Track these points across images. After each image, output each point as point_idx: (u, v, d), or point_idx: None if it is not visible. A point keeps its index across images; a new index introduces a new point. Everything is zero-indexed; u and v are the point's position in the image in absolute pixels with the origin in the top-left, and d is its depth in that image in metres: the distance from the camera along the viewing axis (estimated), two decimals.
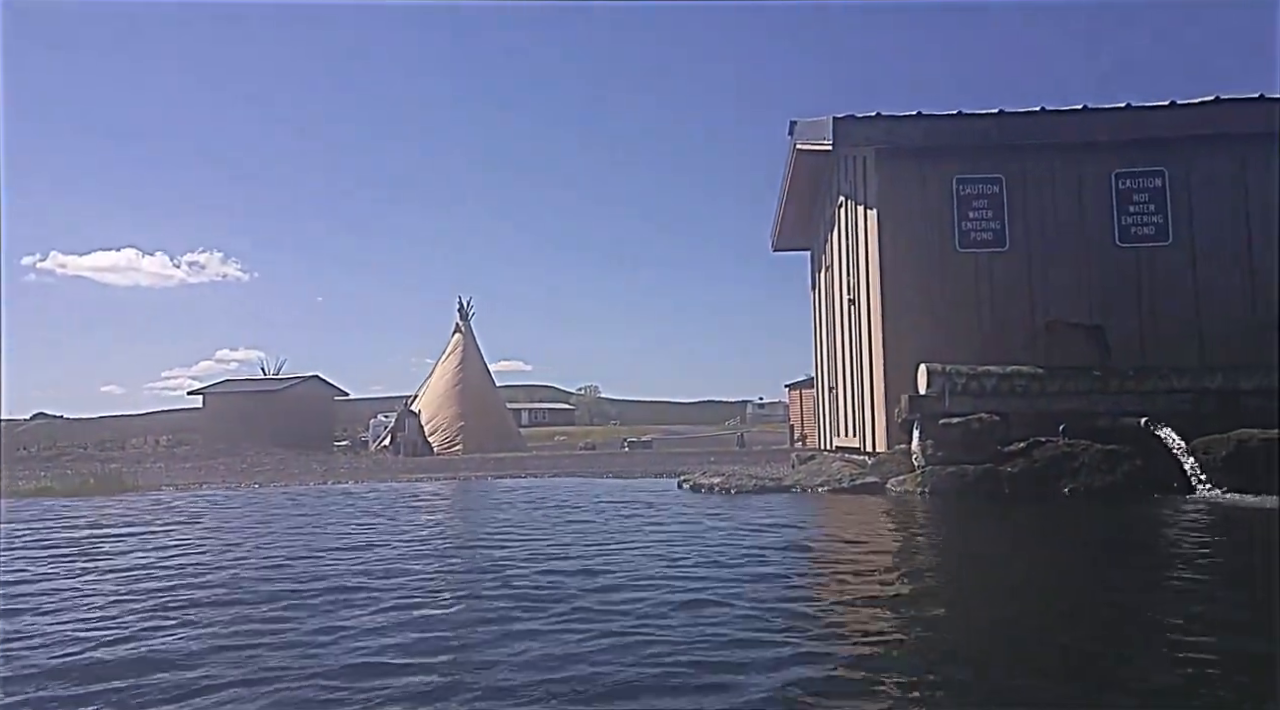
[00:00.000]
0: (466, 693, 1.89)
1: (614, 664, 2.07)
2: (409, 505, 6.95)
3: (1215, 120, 7.35)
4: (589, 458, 16.94)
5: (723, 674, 1.98)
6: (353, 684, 1.95)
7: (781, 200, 11.63)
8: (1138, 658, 2.22)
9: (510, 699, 1.83)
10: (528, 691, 1.87)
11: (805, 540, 4.46)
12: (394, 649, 2.26)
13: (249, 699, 1.87)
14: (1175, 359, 7.08)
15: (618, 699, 1.84)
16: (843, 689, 1.91)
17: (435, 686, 1.93)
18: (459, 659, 2.17)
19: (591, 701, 1.82)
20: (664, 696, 1.85)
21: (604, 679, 1.96)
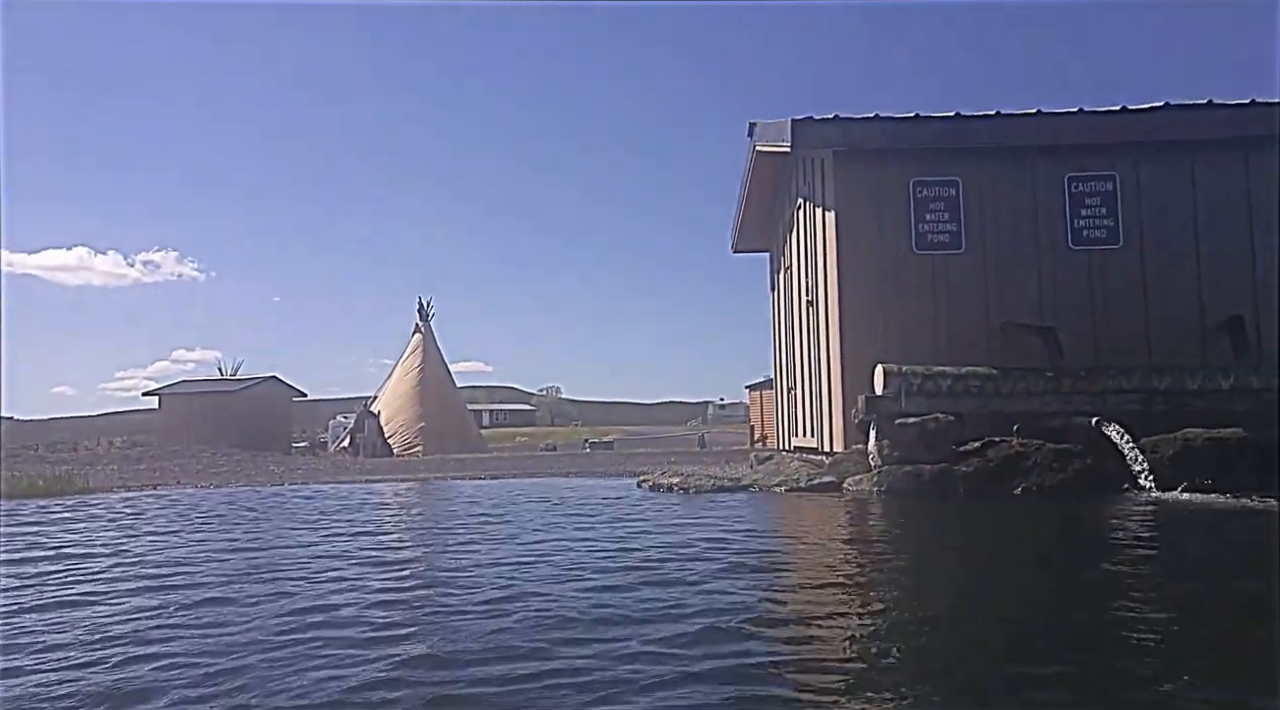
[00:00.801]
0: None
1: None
2: (346, 507, 6.82)
3: (1163, 126, 7.50)
4: (550, 458, 16.82)
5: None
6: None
7: (741, 202, 11.65)
8: (1067, 645, 2.23)
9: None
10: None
11: (749, 538, 4.44)
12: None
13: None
14: (1125, 360, 7.20)
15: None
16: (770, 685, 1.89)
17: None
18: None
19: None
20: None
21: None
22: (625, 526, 4.86)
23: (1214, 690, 1.87)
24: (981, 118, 7.56)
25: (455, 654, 2.17)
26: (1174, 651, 2.23)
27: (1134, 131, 7.54)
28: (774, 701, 1.80)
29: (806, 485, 6.98)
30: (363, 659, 2.14)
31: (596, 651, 2.14)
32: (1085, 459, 6.20)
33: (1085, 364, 7.11)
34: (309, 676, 2.01)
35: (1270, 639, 2.32)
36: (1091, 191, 7.72)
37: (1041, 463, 6.24)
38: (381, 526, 5.50)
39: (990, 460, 6.33)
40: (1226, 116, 7.42)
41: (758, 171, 10.48)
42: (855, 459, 7.04)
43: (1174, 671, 2.01)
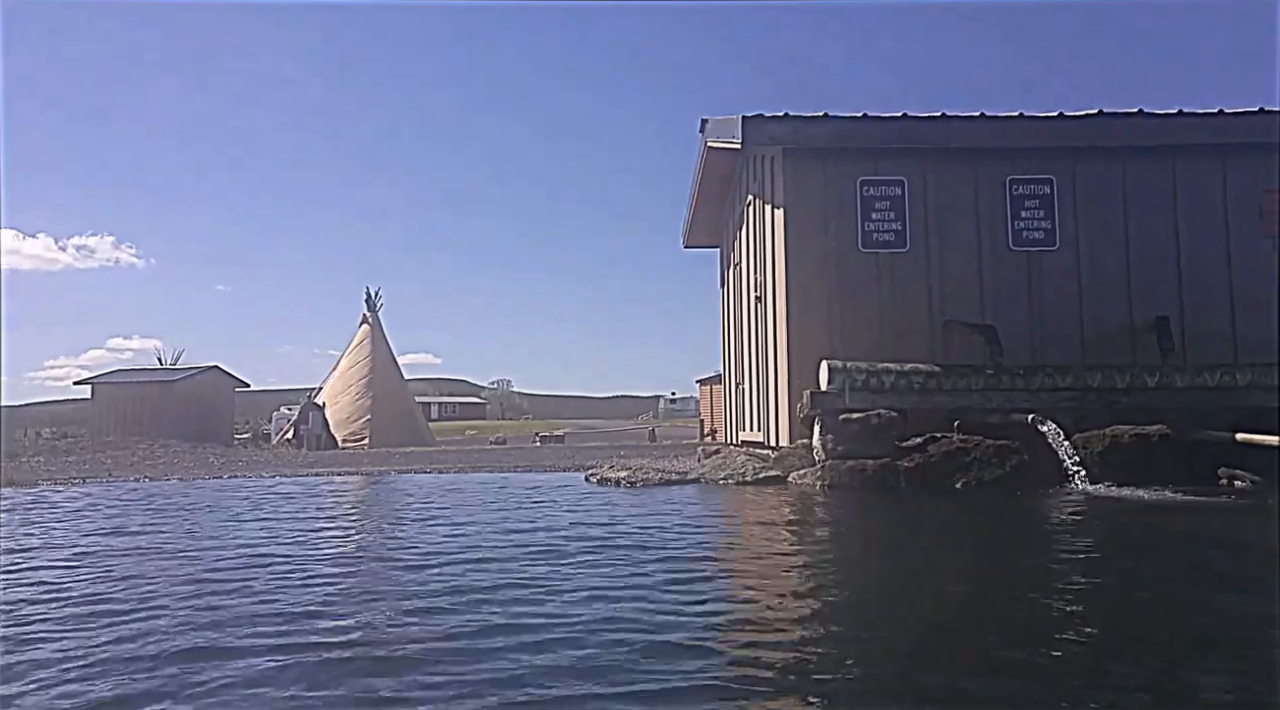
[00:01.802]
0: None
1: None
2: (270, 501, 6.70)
3: (1097, 132, 7.73)
4: (499, 452, 16.71)
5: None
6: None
7: (693, 197, 11.70)
8: (984, 634, 2.30)
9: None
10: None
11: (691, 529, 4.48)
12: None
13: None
14: (1061, 358, 7.43)
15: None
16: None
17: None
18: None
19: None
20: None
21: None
22: (564, 520, 4.86)
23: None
24: (927, 119, 7.71)
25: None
26: (1104, 636, 2.31)
27: (1070, 137, 7.76)
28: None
29: (752, 479, 7.06)
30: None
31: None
32: (1022, 455, 6.37)
33: (1023, 362, 7.31)
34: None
35: (1180, 630, 2.43)
36: (1030, 194, 7.92)
37: (981, 458, 6.40)
38: (298, 521, 5.41)
39: (932, 455, 6.47)
40: (1154, 125, 7.67)
41: (709, 167, 10.54)
42: (800, 453, 7.14)
43: (1097, 657, 2.09)
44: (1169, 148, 7.83)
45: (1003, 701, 1.82)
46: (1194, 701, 1.83)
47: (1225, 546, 3.94)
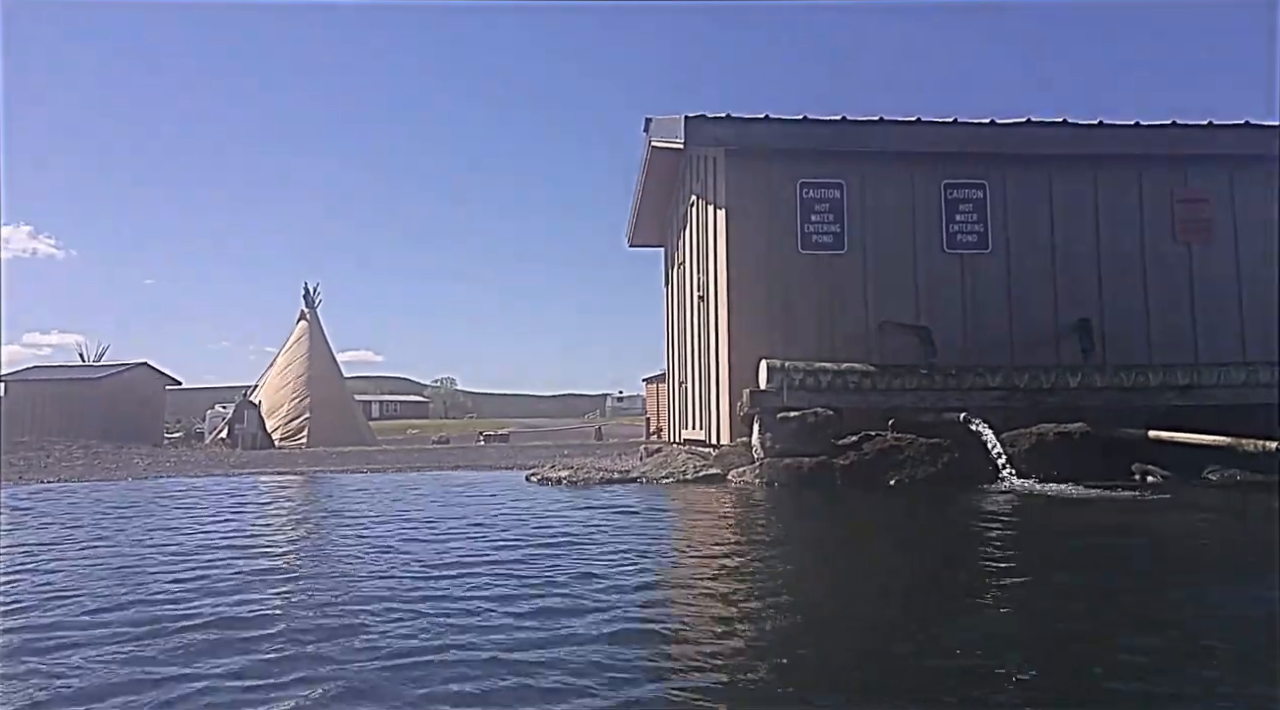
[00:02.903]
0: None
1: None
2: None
3: (1025, 140, 8.00)
4: (440, 451, 16.54)
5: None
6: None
7: (637, 196, 11.76)
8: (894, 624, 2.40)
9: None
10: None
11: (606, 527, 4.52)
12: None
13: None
14: (991, 358, 7.67)
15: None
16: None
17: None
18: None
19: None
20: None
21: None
22: (498, 519, 4.86)
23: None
24: (865, 123, 7.88)
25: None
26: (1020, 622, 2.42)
27: (1001, 144, 8.01)
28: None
29: (693, 477, 7.13)
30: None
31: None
32: (954, 452, 6.56)
33: (956, 362, 7.52)
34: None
35: (1093, 620, 2.55)
36: (965, 198, 8.16)
37: (914, 456, 6.58)
38: (208, 523, 5.31)
39: (866, 453, 6.62)
40: (1078, 135, 7.98)
41: (654, 167, 10.60)
42: (740, 451, 7.24)
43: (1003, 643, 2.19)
44: (1090, 157, 8.15)
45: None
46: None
47: (1124, 536, 4.15)
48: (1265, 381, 7.15)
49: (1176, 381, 7.16)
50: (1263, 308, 8.17)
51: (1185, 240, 8.23)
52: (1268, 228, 8.24)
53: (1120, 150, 8.11)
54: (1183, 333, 8.15)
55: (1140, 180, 8.25)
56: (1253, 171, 8.28)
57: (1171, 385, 7.15)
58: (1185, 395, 7.10)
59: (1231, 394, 7.12)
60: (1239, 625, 2.41)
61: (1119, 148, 8.10)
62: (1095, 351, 7.73)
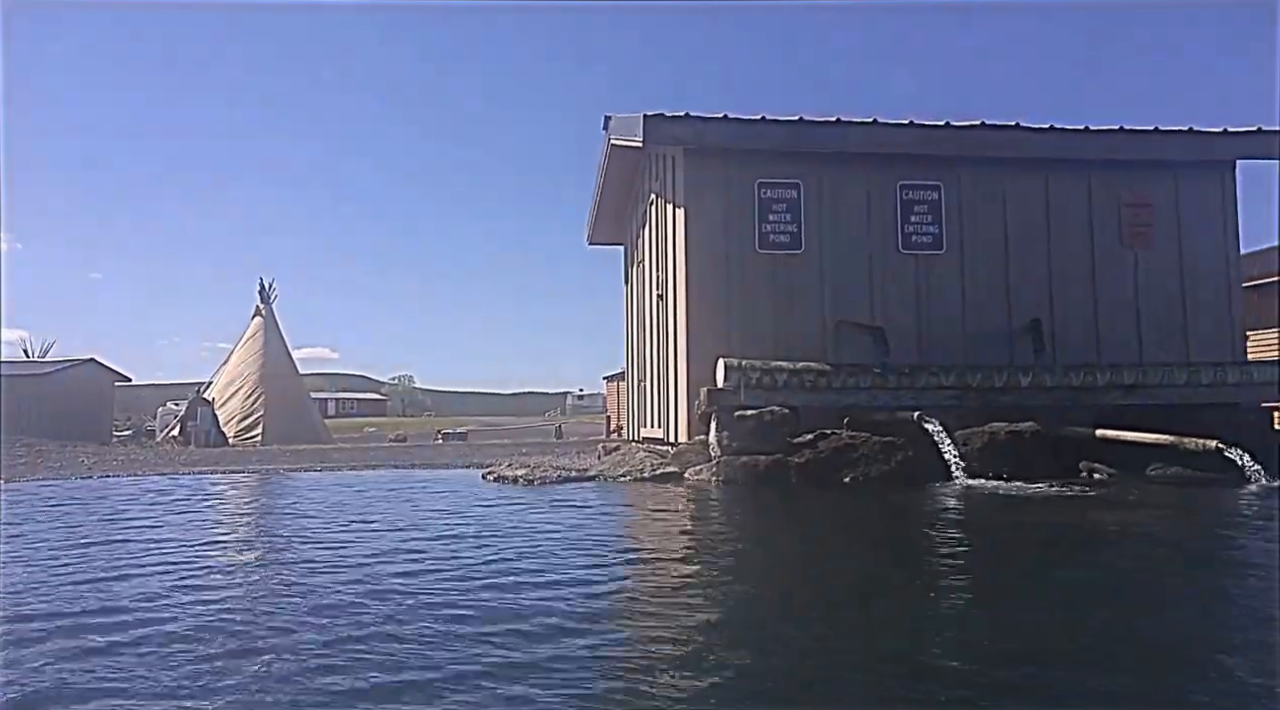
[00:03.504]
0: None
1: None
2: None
3: (980, 143, 8.11)
4: (397, 450, 16.34)
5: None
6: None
7: (597, 194, 11.71)
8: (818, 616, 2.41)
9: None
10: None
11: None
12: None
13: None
14: (945, 358, 7.76)
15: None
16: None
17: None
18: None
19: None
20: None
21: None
22: (445, 519, 4.80)
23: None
24: (822, 123, 7.92)
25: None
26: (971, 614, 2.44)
27: (956, 146, 8.11)
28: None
29: (650, 475, 7.11)
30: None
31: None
32: (907, 451, 6.62)
33: (910, 362, 7.61)
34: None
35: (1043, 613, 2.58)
36: (920, 200, 8.25)
37: (868, 454, 6.63)
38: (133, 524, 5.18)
39: (821, 452, 6.66)
40: (1030, 139, 8.11)
41: (613, 165, 10.55)
42: (698, 449, 7.24)
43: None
44: (1042, 161, 8.29)
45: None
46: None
47: (1066, 532, 4.23)
48: (1206, 382, 7.34)
49: (1123, 381, 7.32)
50: (1205, 310, 8.39)
51: (1131, 244, 8.42)
52: (1210, 232, 8.47)
53: (1070, 155, 8.26)
54: (1129, 334, 8.33)
55: (1089, 184, 8.41)
56: (1197, 177, 8.48)
57: (1118, 385, 7.30)
58: (1131, 395, 7.26)
59: (1175, 394, 7.30)
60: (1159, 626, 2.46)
61: (1069, 152, 8.24)
62: (1046, 352, 7.86)
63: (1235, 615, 2.57)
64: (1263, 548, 3.78)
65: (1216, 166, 8.48)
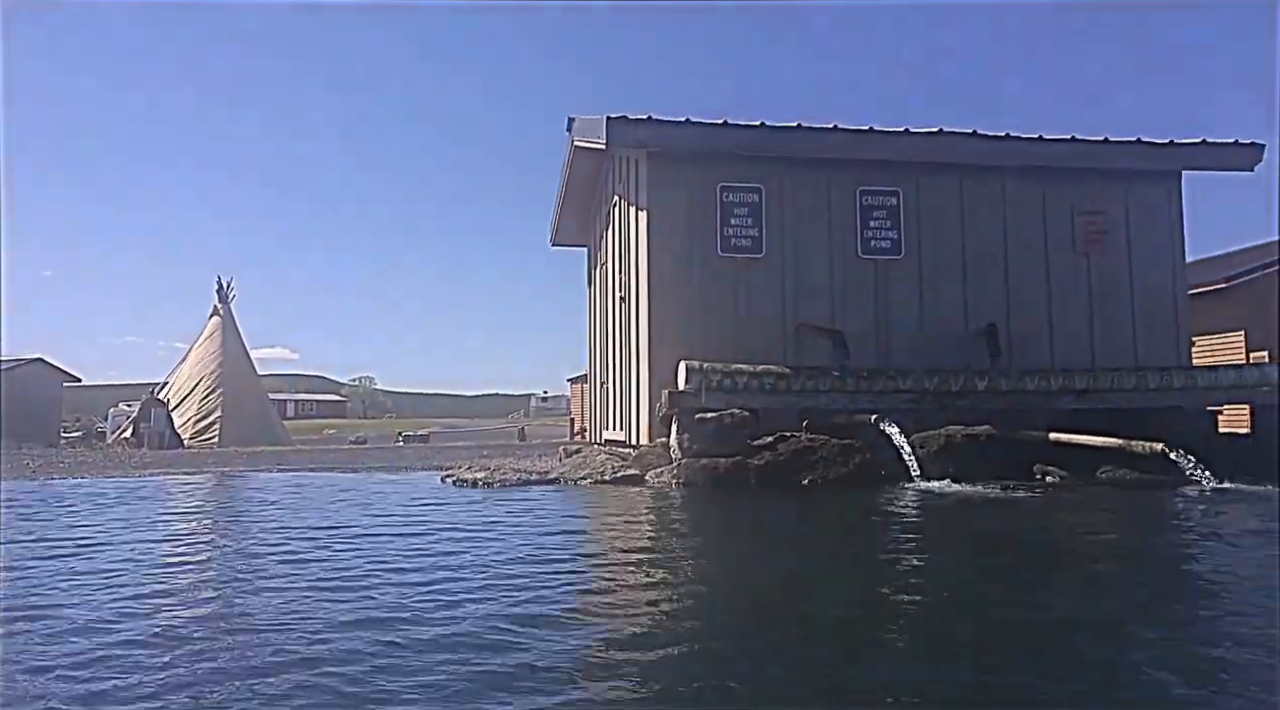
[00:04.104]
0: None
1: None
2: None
3: (937, 150, 8.23)
4: (357, 452, 16.14)
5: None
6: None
7: (560, 195, 11.67)
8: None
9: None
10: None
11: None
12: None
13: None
14: (903, 362, 7.86)
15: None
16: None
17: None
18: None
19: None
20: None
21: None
22: (401, 523, 4.75)
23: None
24: (783, 129, 7.98)
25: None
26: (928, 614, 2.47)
27: (914, 152, 8.23)
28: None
29: (611, 478, 7.10)
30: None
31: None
32: (865, 453, 6.69)
33: (869, 365, 7.69)
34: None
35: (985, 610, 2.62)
36: (879, 205, 8.35)
37: (827, 456, 6.69)
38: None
39: (781, 454, 6.70)
40: (987, 146, 8.26)
41: (576, 167, 10.54)
42: (659, 452, 7.24)
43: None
44: (999, 168, 8.45)
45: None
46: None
47: (1016, 533, 4.31)
48: (1154, 386, 7.53)
49: (1075, 386, 7.48)
50: (1153, 316, 8.60)
51: (1085, 250, 8.60)
52: (1158, 240, 8.68)
53: (1026, 163, 8.42)
54: (1082, 339, 8.52)
55: (1045, 192, 8.58)
56: (1146, 187, 8.70)
57: (1070, 389, 7.46)
58: (1083, 399, 7.42)
59: (1124, 398, 7.47)
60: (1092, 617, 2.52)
61: (1025, 160, 8.40)
62: (1001, 356, 8.00)
63: (1110, 602, 2.67)
64: (1178, 543, 3.93)
65: (1164, 177, 8.71)
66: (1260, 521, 4.62)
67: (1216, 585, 3.06)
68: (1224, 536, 4.24)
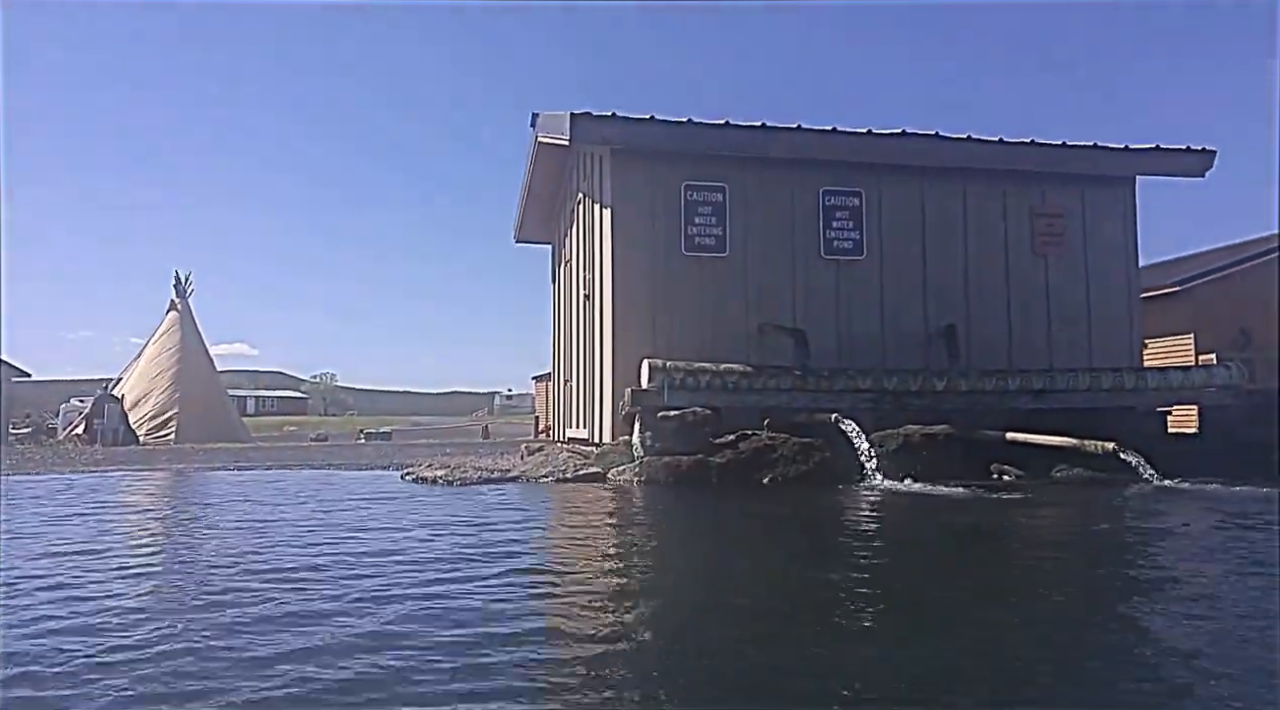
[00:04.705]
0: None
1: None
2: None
3: (900, 151, 8.31)
4: (316, 449, 15.92)
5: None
6: None
7: (524, 192, 11.60)
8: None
9: None
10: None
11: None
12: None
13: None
14: (864, 361, 7.92)
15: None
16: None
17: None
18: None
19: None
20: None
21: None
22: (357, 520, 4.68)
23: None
24: (747, 128, 8.00)
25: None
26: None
27: (877, 154, 8.30)
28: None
29: (573, 476, 7.07)
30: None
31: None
32: (825, 452, 6.73)
33: (830, 365, 7.74)
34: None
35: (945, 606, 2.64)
36: (841, 206, 8.41)
37: (787, 455, 6.72)
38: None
39: (742, 452, 6.72)
40: (947, 149, 8.35)
41: (541, 163, 10.48)
42: (621, 450, 7.22)
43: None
44: (960, 170, 8.55)
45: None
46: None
47: (966, 535, 4.37)
48: (1107, 387, 7.68)
49: (1031, 386, 7.59)
50: (1108, 318, 8.77)
51: (1042, 253, 8.75)
52: (1113, 244, 8.86)
53: (986, 165, 8.54)
54: (1039, 340, 8.66)
55: (1004, 194, 8.71)
56: (1103, 190, 8.87)
57: (1027, 390, 7.57)
58: (1039, 399, 7.54)
59: (1079, 398, 7.61)
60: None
61: (985, 163, 8.52)
62: (960, 356, 8.10)
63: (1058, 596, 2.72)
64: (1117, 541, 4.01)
65: (1118, 182, 8.88)
66: (1200, 517, 4.75)
67: (1155, 578, 3.13)
68: (1163, 532, 4.36)
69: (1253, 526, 4.22)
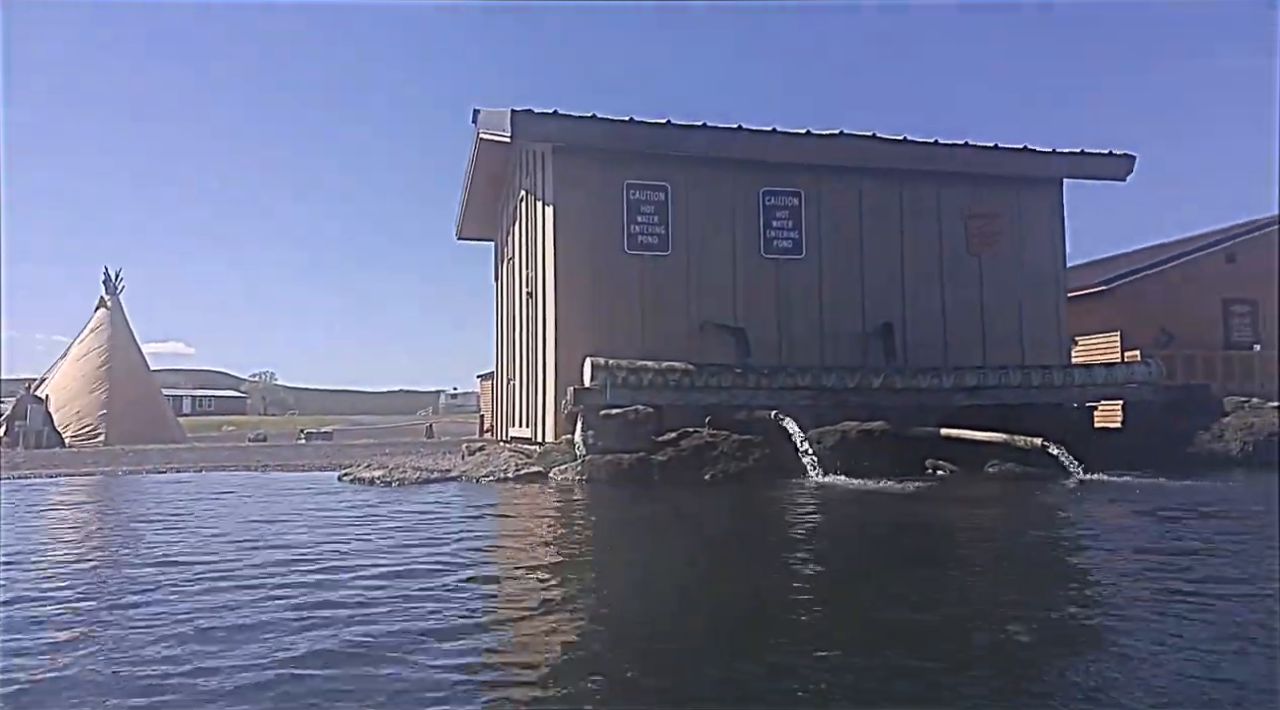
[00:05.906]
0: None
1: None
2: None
3: (838, 152, 8.45)
4: (254, 450, 15.53)
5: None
6: None
7: (466, 188, 11.49)
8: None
9: None
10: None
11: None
12: None
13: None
14: (804, 359, 8.04)
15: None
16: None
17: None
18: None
19: None
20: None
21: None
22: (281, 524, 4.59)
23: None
24: (688, 127, 8.05)
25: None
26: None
27: (815, 154, 8.42)
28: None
29: (514, 476, 7.02)
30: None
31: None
32: (765, 449, 6.81)
33: (771, 363, 7.83)
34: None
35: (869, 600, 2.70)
36: (781, 206, 8.52)
37: (728, 452, 6.78)
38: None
39: (683, 450, 6.77)
40: (887, 150, 8.52)
41: (483, 159, 10.38)
42: (564, 449, 7.20)
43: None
44: (897, 171, 8.72)
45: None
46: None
47: (898, 526, 4.47)
48: (1037, 384, 7.92)
49: (965, 383, 7.79)
50: (1038, 317, 9.04)
51: (976, 252, 8.98)
52: (1042, 244, 9.14)
53: (922, 166, 8.72)
54: (973, 338, 8.89)
55: (939, 195, 8.91)
56: (1034, 192, 9.14)
57: (961, 387, 7.77)
58: (973, 396, 7.74)
59: (1011, 394, 7.83)
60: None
61: (921, 163, 8.71)
62: (897, 354, 8.27)
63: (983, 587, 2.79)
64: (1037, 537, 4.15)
65: (1047, 183, 9.16)
66: (1117, 508, 4.95)
67: (1078, 566, 3.24)
68: (1081, 523, 4.53)
69: (1161, 520, 4.40)
